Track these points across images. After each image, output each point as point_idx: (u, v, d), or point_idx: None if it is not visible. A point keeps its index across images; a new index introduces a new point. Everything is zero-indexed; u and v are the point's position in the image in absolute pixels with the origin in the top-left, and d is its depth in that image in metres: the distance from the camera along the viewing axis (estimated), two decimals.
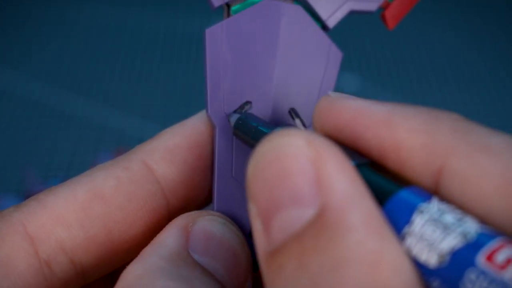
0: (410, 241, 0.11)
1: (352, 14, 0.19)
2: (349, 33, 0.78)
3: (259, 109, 0.18)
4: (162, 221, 0.18)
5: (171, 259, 0.15)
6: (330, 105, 0.15)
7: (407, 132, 0.13)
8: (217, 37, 0.18)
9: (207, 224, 0.17)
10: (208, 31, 0.18)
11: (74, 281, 0.18)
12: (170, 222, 0.17)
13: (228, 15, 0.18)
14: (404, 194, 0.12)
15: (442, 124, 0.13)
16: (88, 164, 0.60)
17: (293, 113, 0.18)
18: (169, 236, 0.16)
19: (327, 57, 0.19)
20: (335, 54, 0.19)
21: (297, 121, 0.18)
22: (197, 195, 0.19)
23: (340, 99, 0.15)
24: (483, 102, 0.70)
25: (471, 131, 0.12)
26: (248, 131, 0.17)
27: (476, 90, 0.72)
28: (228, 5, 0.18)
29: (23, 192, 0.57)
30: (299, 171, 0.12)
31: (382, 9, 0.18)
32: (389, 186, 0.12)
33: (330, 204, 0.11)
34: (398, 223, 0.11)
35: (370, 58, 0.76)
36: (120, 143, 0.63)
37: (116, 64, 0.74)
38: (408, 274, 0.11)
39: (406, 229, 0.11)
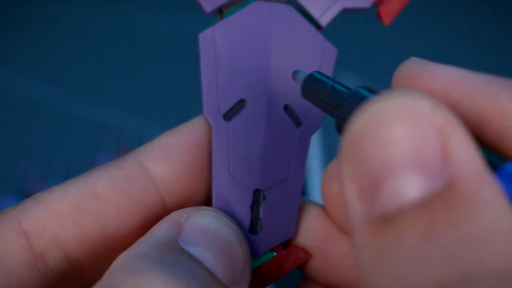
0: None
1: (346, 12, 0.19)
2: (349, 32, 0.78)
3: (254, 107, 0.19)
4: (158, 219, 0.18)
5: (158, 247, 0.15)
6: (419, 70, 0.14)
7: (511, 100, 0.12)
8: (210, 40, 0.18)
9: (200, 218, 0.17)
10: (202, 35, 0.18)
11: (71, 277, 0.18)
12: (164, 217, 0.17)
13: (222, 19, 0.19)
14: (509, 168, 0.12)
15: None
16: (88, 164, 0.60)
17: (288, 110, 0.19)
18: (160, 228, 0.16)
19: (321, 54, 0.19)
20: (330, 51, 0.19)
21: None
22: (193, 194, 0.19)
23: (430, 64, 0.14)
24: None
25: None
26: (320, 89, 0.16)
27: None
28: (221, 11, 0.19)
29: (23, 192, 0.58)
30: (425, 137, 0.11)
31: (376, 6, 0.18)
32: (493, 159, 0.12)
33: (462, 177, 0.11)
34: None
35: (370, 57, 0.76)
36: (120, 143, 0.63)
37: (116, 64, 0.74)
38: None
39: None
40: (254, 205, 0.19)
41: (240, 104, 0.18)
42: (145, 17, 0.81)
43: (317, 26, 0.19)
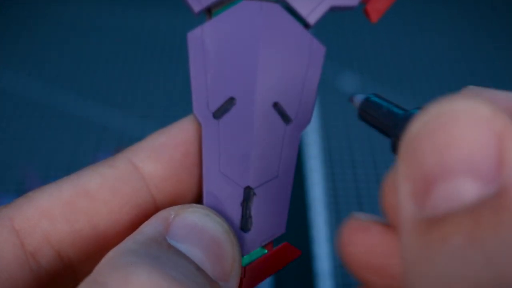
0: None
1: (334, 11, 0.19)
2: (349, 32, 0.78)
3: (243, 105, 0.19)
4: (149, 217, 0.18)
5: (145, 243, 0.15)
6: (478, 95, 0.14)
7: None
8: (199, 39, 0.18)
9: (189, 215, 0.17)
10: (190, 34, 0.18)
11: (62, 275, 0.18)
12: (153, 215, 0.17)
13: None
14: None
15: None
16: (88, 164, 0.60)
17: (277, 107, 0.19)
18: (148, 225, 0.16)
19: (309, 51, 0.19)
20: (318, 49, 0.19)
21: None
22: (184, 192, 0.19)
23: (489, 90, 0.14)
24: None
25: None
26: (377, 111, 0.16)
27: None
28: (209, 10, 0.19)
29: (23, 192, 0.58)
30: (482, 142, 0.11)
31: (364, 4, 0.18)
32: None
33: None
34: None
35: (369, 57, 0.76)
36: (120, 143, 0.63)
37: (116, 64, 0.74)
38: None
39: None
40: (245, 202, 0.19)
41: (229, 102, 0.19)
42: (145, 17, 0.81)
43: (305, 24, 0.19)
